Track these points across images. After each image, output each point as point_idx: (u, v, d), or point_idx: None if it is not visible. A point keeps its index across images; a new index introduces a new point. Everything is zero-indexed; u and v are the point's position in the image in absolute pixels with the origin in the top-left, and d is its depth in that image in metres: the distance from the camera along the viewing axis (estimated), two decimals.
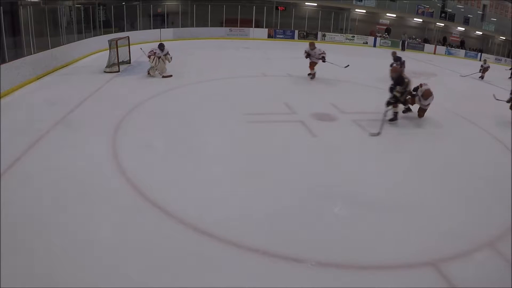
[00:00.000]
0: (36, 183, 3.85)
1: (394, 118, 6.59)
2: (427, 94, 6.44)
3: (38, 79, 8.24)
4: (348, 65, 10.37)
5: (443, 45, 23.53)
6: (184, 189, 3.92)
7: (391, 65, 9.27)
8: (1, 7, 7.86)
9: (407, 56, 19.02)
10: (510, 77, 14.86)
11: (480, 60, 22.19)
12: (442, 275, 2.87)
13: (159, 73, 9.04)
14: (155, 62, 8.91)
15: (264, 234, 3.25)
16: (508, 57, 23.09)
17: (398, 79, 6.39)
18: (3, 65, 6.97)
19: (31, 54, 8.66)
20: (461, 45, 23.91)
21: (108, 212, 3.44)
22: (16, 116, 5.79)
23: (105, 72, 9.32)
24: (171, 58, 9.21)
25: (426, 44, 22.68)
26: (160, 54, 8.91)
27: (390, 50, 20.79)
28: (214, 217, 3.45)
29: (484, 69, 13.56)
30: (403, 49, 21.43)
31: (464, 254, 3.15)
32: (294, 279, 2.77)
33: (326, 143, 5.51)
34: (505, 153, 5.74)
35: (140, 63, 10.55)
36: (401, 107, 6.70)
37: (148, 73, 9.14)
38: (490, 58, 22.56)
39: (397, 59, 10.16)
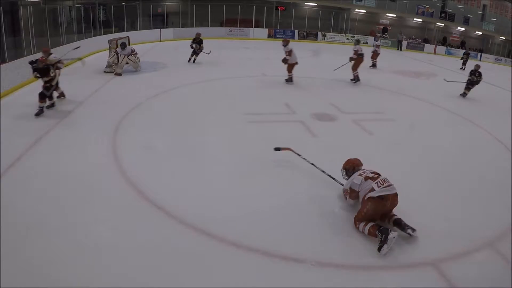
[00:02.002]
0: (36, 183, 3.85)
1: (38, 112, 5.80)
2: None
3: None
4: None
5: (443, 45, 23.53)
6: (184, 189, 3.92)
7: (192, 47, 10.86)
8: (1, 7, 7.87)
9: (404, 56, 19.08)
10: (461, 68, 15.25)
11: (480, 60, 22.26)
12: (442, 275, 2.87)
13: (113, 70, 9.22)
14: (114, 59, 9.14)
15: (264, 234, 3.25)
16: (508, 57, 23.08)
17: (44, 70, 5.83)
18: (3, 65, 6.98)
19: (31, 54, 8.66)
20: (462, 45, 23.90)
21: (108, 212, 3.44)
22: (16, 116, 5.79)
23: (105, 72, 9.32)
24: (138, 59, 9.57)
25: (426, 44, 22.67)
26: (121, 52, 9.11)
27: (390, 50, 21.01)
28: (214, 217, 3.45)
29: (373, 54, 13.19)
30: (399, 48, 21.39)
31: (464, 254, 3.15)
32: (294, 279, 2.77)
33: (326, 143, 5.51)
34: (505, 153, 5.74)
35: (141, 63, 10.54)
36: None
37: (105, 70, 9.34)
38: (490, 58, 22.59)
39: (200, 42, 11.12)
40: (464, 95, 9.58)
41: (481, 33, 24.92)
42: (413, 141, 5.93)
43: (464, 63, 15.56)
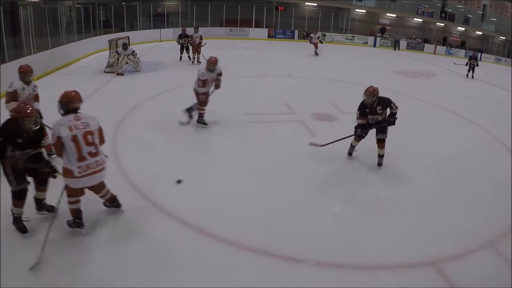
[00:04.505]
0: None
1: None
2: None
3: (38, 79, 8.23)
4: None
5: (443, 45, 23.52)
6: (184, 189, 3.92)
7: None
8: (1, 7, 7.87)
9: (402, 55, 19.05)
10: (467, 75, 12.93)
11: (480, 60, 22.18)
12: (442, 275, 2.87)
13: (115, 70, 9.24)
14: (115, 60, 9.22)
15: (264, 234, 3.25)
16: (508, 57, 23.05)
17: None
18: (3, 65, 6.97)
19: (31, 54, 8.67)
20: (462, 45, 23.92)
21: (108, 211, 3.44)
22: None
23: (105, 72, 9.33)
24: (138, 60, 9.65)
25: (426, 44, 22.66)
26: (122, 52, 9.19)
27: (389, 50, 20.99)
28: (214, 216, 3.45)
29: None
30: (395, 48, 21.37)
31: (464, 254, 3.15)
32: (294, 279, 2.77)
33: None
34: (505, 153, 5.74)
35: (141, 63, 10.54)
36: None
37: (106, 70, 9.41)
38: (490, 58, 22.55)
39: (187, 36, 11.02)
40: (350, 152, 4.95)
41: (481, 33, 24.90)
42: (413, 141, 5.93)
43: (471, 70, 12.77)
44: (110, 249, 2.95)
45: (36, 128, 2.91)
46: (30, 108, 2.90)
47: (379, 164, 4.67)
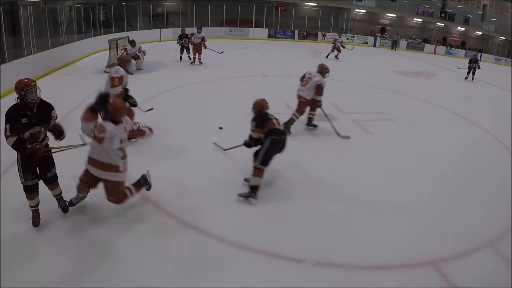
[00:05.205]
0: None
1: None
2: None
3: (38, 79, 8.23)
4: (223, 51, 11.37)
5: (443, 45, 23.53)
6: (184, 189, 3.92)
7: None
8: (1, 7, 7.87)
9: (401, 55, 19.06)
10: (466, 77, 12.59)
11: (479, 60, 22.18)
12: (442, 275, 2.87)
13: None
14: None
15: (264, 234, 3.25)
16: (508, 57, 23.06)
17: None
18: (3, 65, 6.97)
19: (31, 54, 8.67)
20: (462, 45, 23.93)
21: (108, 212, 3.44)
22: None
23: (105, 72, 9.32)
24: (144, 52, 9.84)
25: (426, 44, 22.67)
26: (132, 50, 9.28)
27: (389, 50, 20.99)
28: (215, 217, 3.45)
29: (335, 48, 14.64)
30: (393, 48, 21.38)
31: (464, 254, 3.15)
32: (294, 279, 2.77)
33: (326, 143, 5.51)
34: (505, 153, 5.74)
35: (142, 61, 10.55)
36: None
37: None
38: (490, 58, 22.57)
39: (186, 36, 11.32)
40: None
41: (481, 33, 24.91)
42: (413, 141, 5.93)
43: (471, 72, 12.44)
44: (109, 249, 2.95)
45: (38, 101, 3.01)
46: (28, 79, 3.04)
47: (240, 195, 3.66)
